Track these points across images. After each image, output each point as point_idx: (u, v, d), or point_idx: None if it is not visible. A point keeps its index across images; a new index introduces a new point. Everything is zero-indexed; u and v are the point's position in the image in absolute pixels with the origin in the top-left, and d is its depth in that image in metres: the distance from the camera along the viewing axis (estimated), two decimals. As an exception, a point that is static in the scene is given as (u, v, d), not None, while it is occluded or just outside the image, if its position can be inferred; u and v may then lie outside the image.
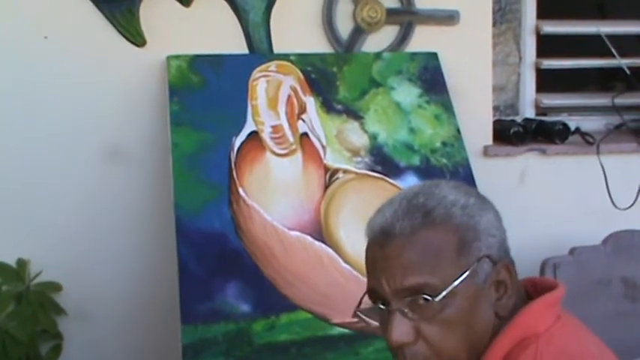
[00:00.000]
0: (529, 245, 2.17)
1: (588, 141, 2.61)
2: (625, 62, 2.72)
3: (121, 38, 2.19)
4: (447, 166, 2.23)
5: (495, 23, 2.64)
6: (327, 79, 2.26)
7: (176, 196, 1.99)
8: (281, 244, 1.98)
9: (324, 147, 2.16)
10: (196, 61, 2.19)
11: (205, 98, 2.14)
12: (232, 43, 2.27)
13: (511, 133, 2.54)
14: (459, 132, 2.29)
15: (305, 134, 2.17)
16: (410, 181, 2.15)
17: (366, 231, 1.12)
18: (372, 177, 2.16)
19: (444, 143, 2.27)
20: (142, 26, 2.19)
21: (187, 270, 1.90)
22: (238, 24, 2.27)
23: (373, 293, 1.10)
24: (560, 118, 2.74)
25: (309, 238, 2.01)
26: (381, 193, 2.07)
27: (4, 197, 2.16)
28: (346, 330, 1.90)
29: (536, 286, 1.16)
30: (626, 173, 2.59)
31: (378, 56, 2.36)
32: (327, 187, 2.11)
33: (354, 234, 1.97)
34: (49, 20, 2.15)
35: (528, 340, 1.05)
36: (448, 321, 1.04)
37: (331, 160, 2.15)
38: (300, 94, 2.22)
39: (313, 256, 1.99)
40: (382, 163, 2.18)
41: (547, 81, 2.83)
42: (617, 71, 2.81)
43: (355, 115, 2.24)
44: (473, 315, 1.06)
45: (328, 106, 2.23)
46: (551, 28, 2.76)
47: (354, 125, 2.22)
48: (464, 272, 1.05)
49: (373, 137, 2.22)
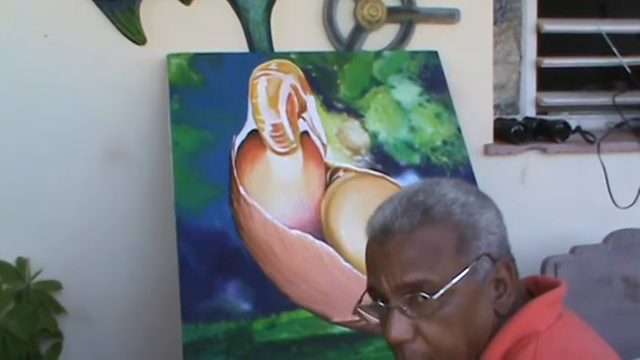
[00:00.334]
0: (530, 244, 2.17)
1: (589, 140, 2.61)
2: (626, 61, 2.72)
3: (121, 36, 2.18)
4: (448, 165, 2.23)
5: (496, 22, 2.64)
6: (328, 78, 2.26)
7: (176, 194, 1.98)
8: (281, 242, 1.98)
9: (324, 145, 2.16)
10: (197, 60, 2.18)
11: (206, 96, 2.14)
12: (233, 41, 2.26)
13: (512, 132, 2.54)
14: (459, 131, 2.29)
15: (305, 133, 2.17)
16: (410, 180, 2.14)
17: (366, 229, 1.12)
18: (373, 175, 2.15)
19: (445, 142, 2.27)
20: (142, 24, 2.19)
21: (188, 269, 1.89)
22: (239, 22, 2.27)
23: (373, 291, 1.11)
24: (560, 116, 2.74)
25: (310, 237, 2.01)
26: (381, 191, 2.06)
27: (4, 196, 2.15)
28: (347, 329, 1.90)
29: (538, 285, 1.16)
30: (626, 172, 2.58)
31: (378, 55, 2.36)
32: (327, 185, 2.10)
33: (354, 233, 1.97)
34: (49, 18, 2.15)
35: (528, 338, 1.04)
36: (447, 319, 1.04)
37: (332, 158, 2.15)
38: (301, 92, 2.21)
39: (314, 255, 1.99)
40: (383, 161, 2.18)
41: (548, 80, 2.83)
42: (618, 70, 2.81)
43: (356, 113, 2.24)
44: (472, 313, 1.05)
45: (329, 104, 2.22)
46: (552, 26, 2.75)
47: (355, 124, 2.22)
48: (463, 270, 1.04)
49: (374, 136, 2.22)
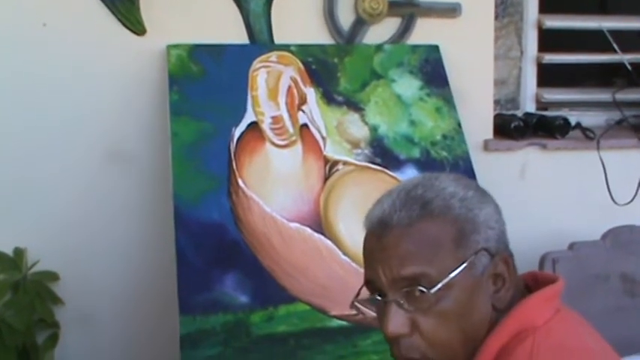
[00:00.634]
0: (528, 240, 2.17)
1: (589, 136, 2.60)
2: (627, 58, 2.71)
3: (121, 27, 2.17)
4: (448, 159, 2.22)
5: (497, 17, 2.63)
6: (328, 71, 2.25)
7: (175, 186, 1.98)
8: (280, 235, 1.98)
9: (324, 138, 2.15)
10: (196, 51, 2.17)
11: (205, 88, 2.13)
12: (233, 33, 2.25)
13: (512, 128, 2.53)
14: (459, 125, 2.29)
15: (305, 125, 2.16)
16: (410, 174, 2.14)
17: (365, 222, 1.12)
18: (372, 169, 2.15)
19: (445, 136, 2.26)
20: (142, 15, 2.18)
21: (186, 260, 1.89)
22: (239, 14, 2.26)
23: (370, 284, 1.10)
24: (560, 113, 2.73)
25: (309, 230, 2.01)
26: (380, 185, 2.06)
27: (2, 186, 2.15)
28: (344, 322, 1.90)
29: (537, 280, 1.15)
30: (626, 169, 2.58)
31: (379, 48, 2.35)
32: (326, 178, 2.10)
33: (353, 226, 1.97)
34: (48, 8, 2.13)
35: (525, 332, 1.04)
36: (444, 313, 1.04)
37: (331, 151, 2.14)
38: (301, 85, 2.20)
39: (312, 248, 1.98)
40: (382, 155, 2.18)
41: (548, 75, 2.83)
42: (618, 67, 2.81)
43: (356, 106, 2.23)
44: (469, 307, 1.05)
45: (329, 97, 2.22)
46: (553, 22, 2.75)
47: (355, 117, 2.21)
48: (461, 264, 1.04)
49: (373, 129, 2.21)
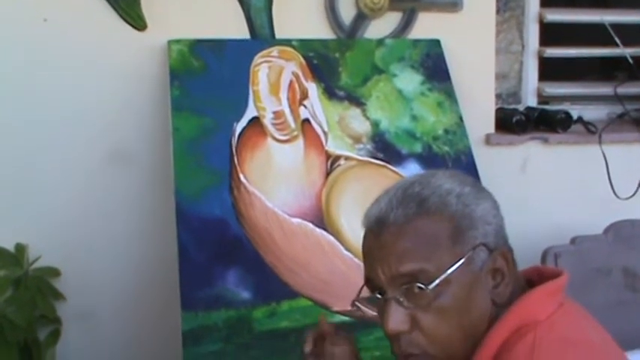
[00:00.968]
0: (530, 234, 2.17)
1: (590, 130, 2.60)
2: (628, 51, 2.70)
3: (122, 22, 2.16)
4: (450, 154, 2.22)
5: (499, 11, 2.63)
6: (330, 65, 2.25)
7: (176, 181, 1.97)
8: (282, 230, 1.97)
9: (325, 133, 2.15)
10: (197, 46, 2.17)
11: (206, 83, 2.12)
12: (234, 28, 2.25)
13: (513, 122, 2.53)
14: (461, 120, 2.28)
15: (306, 120, 2.15)
16: (412, 169, 2.14)
17: (363, 221, 1.13)
18: (374, 164, 2.14)
19: (447, 131, 2.25)
20: (143, 10, 2.17)
21: (188, 256, 1.89)
22: (240, 9, 2.25)
23: (370, 283, 1.11)
24: (562, 107, 2.73)
25: (310, 225, 2.00)
26: (382, 180, 2.05)
27: (3, 182, 2.14)
28: (346, 317, 1.90)
29: (542, 275, 1.16)
30: (627, 163, 2.58)
31: (380, 43, 2.34)
32: (328, 173, 2.10)
33: (355, 221, 1.94)
34: (49, 3, 2.13)
35: (527, 327, 1.04)
36: (443, 309, 1.04)
37: (333, 146, 2.14)
38: (302, 79, 2.20)
39: (314, 243, 1.98)
40: (384, 150, 2.17)
41: (550, 69, 2.82)
42: (620, 60, 2.80)
43: (357, 101, 2.22)
44: (469, 303, 1.05)
45: (330, 92, 2.21)
46: (555, 16, 2.74)
47: (356, 112, 2.21)
48: (458, 260, 1.04)
49: (375, 124, 2.21)
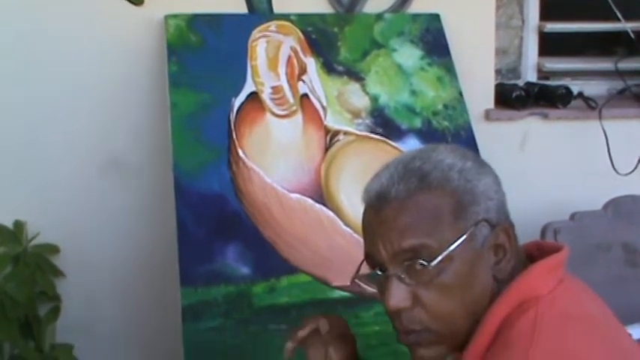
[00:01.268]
0: (530, 210, 2.16)
1: (590, 105, 2.59)
2: (629, 26, 2.68)
3: (119, -4, 2.15)
4: (449, 129, 2.21)
5: (499, -15, 2.60)
6: (328, 40, 2.23)
7: (175, 156, 1.96)
8: (281, 206, 1.97)
9: (324, 108, 2.14)
10: (195, 21, 2.15)
11: (204, 58, 2.11)
12: (231, 2, 2.23)
13: (513, 97, 2.51)
14: (461, 95, 2.27)
15: (305, 95, 2.14)
16: (411, 144, 2.13)
17: (363, 196, 1.11)
18: (373, 139, 2.13)
19: (446, 106, 2.24)
20: (140, -16, 2.16)
21: (187, 232, 1.88)
22: (237, -17, 2.23)
23: (370, 259, 1.09)
24: (562, 82, 2.71)
25: (310, 201, 2.00)
26: (382, 155, 2.04)
27: (1, 159, 2.14)
28: (346, 293, 1.90)
29: (542, 250, 1.14)
30: (628, 138, 2.56)
31: (379, 17, 2.32)
32: (327, 149, 2.09)
33: (354, 196, 1.94)
34: (45, -23, 2.11)
35: (528, 303, 1.03)
36: (445, 285, 1.03)
37: (332, 121, 2.13)
38: (301, 54, 2.18)
39: (313, 219, 1.98)
40: (383, 125, 2.16)
41: (550, 45, 2.80)
42: (621, 35, 2.78)
43: (356, 76, 2.21)
44: (471, 279, 1.04)
45: (329, 67, 2.19)
46: (555, -10, 2.72)
47: (355, 87, 2.19)
48: (461, 236, 1.03)
49: (374, 99, 2.19)
